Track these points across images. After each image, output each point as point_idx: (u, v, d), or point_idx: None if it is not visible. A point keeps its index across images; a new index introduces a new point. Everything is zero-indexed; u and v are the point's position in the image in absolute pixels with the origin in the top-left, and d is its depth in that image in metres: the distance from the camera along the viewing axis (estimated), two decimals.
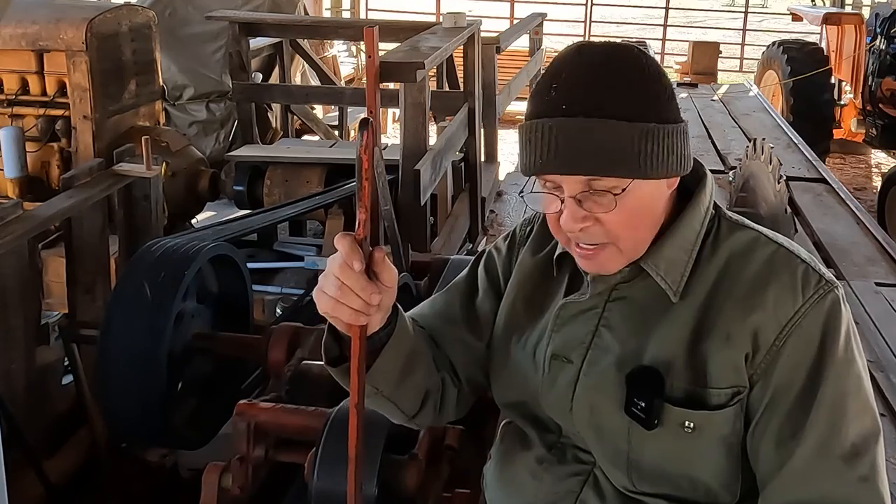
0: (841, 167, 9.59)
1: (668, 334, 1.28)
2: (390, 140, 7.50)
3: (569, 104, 1.19)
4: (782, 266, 1.27)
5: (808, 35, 12.11)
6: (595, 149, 1.18)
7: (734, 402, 1.25)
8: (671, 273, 1.29)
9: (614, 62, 1.22)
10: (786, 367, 1.24)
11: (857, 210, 5.37)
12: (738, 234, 1.32)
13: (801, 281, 1.26)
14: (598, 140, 1.18)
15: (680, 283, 1.29)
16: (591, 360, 1.32)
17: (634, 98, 1.19)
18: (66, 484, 3.09)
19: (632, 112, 1.18)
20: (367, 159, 1.07)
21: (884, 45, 8.35)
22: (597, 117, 1.17)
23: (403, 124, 4.19)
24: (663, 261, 1.29)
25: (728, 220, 1.34)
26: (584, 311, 1.35)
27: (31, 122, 4.43)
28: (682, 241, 1.30)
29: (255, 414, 1.93)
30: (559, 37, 14.83)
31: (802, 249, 1.33)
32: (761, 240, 1.31)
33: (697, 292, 1.28)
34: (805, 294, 1.25)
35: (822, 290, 1.26)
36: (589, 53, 1.23)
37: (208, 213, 5.55)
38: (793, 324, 1.24)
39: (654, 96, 1.21)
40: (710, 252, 1.31)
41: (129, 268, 2.83)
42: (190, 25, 6.27)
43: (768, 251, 1.29)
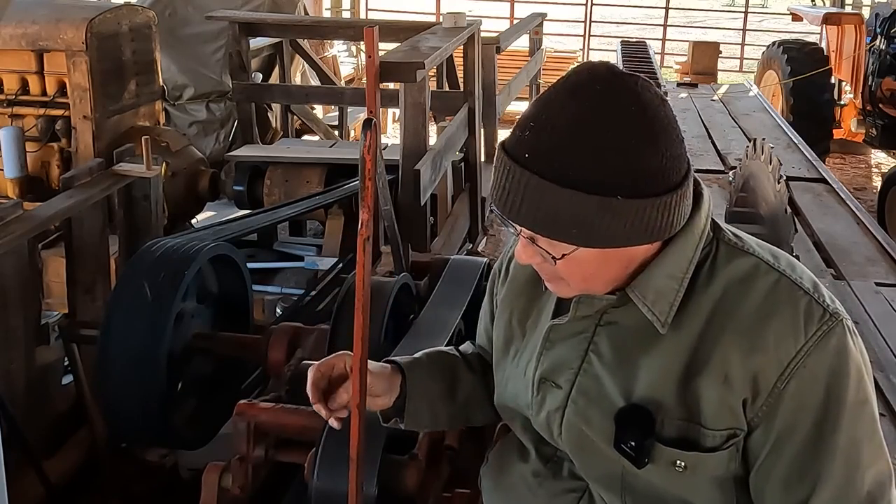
0: (841, 167, 9.60)
1: (659, 366, 1.21)
2: (390, 140, 7.50)
3: (533, 157, 1.10)
4: (784, 299, 1.19)
5: (808, 35, 12.11)
6: (544, 213, 1.10)
7: (729, 445, 1.20)
8: (659, 303, 1.20)
9: (602, 121, 1.09)
10: (789, 410, 1.17)
11: (857, 210, 5.37)
12: (737, 260, 1.22)
13: (803, 316, 1.17)
14: (549, 204, 1.09)
15: (669, 313, 1.20)
16: (580, 388, 1.27)
17: (604, 171, 1.08)
18: (66, 484, 3.08)
19: (594, 185, 1.08)
20: (371, 159, 1.07)
21: (884, 45, 8.36)
22: (554, 183, 1.08)
23: (403, 124, 4.19)
24: (651, 291, 1.20)
25: (727, 244, 1.24)
26: (573, 334, 1.29)
27: (31, 122, 4.43)
28: (673, 269, 1.20)
29: (255, 414, 1.93)
30: (559, 37, 14.85)
31: (806, 273, 1.24)
32: (762, 268, 1.21)
33: (691, 323, 1.20)
34: (808, 331, 1.16)
35: (827, 326, 1.17)
36: (581, 100, 1.10)
37: (208, 213, 5.55)
38: (795, 364, 1.16)
39: (632, 170, 1.09)
40: (706, 280, 1.21)
41: (129, 268, 2.83)
42: (190, 25, 6.28)
43: (769, 281, 1.20)
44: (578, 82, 1.12)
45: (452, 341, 2.45)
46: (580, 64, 1.20)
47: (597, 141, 1.08)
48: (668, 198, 1.12)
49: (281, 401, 2.09)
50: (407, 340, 2.35)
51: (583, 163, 1.08)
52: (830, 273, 4.41)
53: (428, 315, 2.54)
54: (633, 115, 1.09)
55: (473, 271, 2.83)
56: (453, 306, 2.60)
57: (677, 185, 1.13)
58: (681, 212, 1.15)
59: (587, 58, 14.17)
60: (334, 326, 2.47)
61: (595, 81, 1.11)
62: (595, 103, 1.10)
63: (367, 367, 1.24)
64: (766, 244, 1.27)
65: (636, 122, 1.09)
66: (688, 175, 1.16)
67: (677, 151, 1.13)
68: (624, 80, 1.12)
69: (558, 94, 1.13)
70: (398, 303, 2.51)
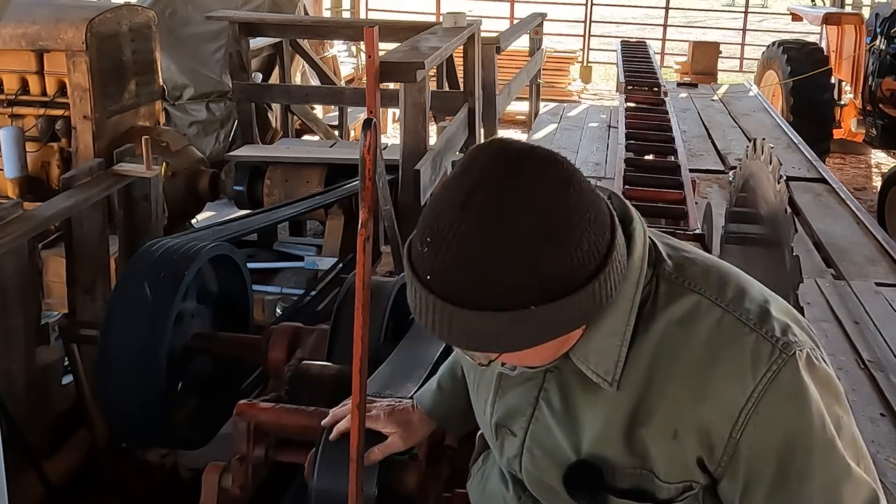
0: (841, 167, 9.60)
1: (604, 419, 1.15)
2: (390, 140, 7.50)
3: (434, 279, 1.00)
4: (728, 341, 1.09)
5: (808, 35, 12.11)
6: (456, 331, 1.01)
7: (685, 497, 1.15)
8: (602, 363, 1.13)
9: (496, 237, 0.96)
10: (750, 458, 1.10)
11: (857, 210, 5.36)
12: (677, 301, 1.13)
13: (750, 358, 1.08)
14: (458, 325, 1.00)
15: (615, 370, 1.12)
16: (533, 437, 1.23)
17: (508, 289, 0.97)
18: (66, 484, 3.09)
19: (501, 303, 0.97)
20: (371, 159, 1.07)
21: (884, 45, 8.36)
22: (458, 307, 0.98)
23: (403, 124, 4.19)
24: (592, 353, 1.13)
25: (668, 280, 1.14)
26: (523, 381, 1.23)
27: (31, 122, 4.43)
28: (612, 326, 1.11)
29: (255, 414, 1.93)
30: (559, 37, 14.85)
31: (756, 300, 1.13)
32: (703, 305, 1.12)
33: (633, 373, 1.13)
34: (756, 374, 1.08)
35: (777, 365, 1.08)
36: (471, 213, 0.98)
37: (208, 213, 5.55)
38: (747, 412, 1.08)
39: (539, 280, 0.97)
40: (647, 324, 1.13)
41: (129, 268, 2.83)
42: (190, 25, 6.28)
43: (711, 321, 1.11)
44: (469, 188, 0.99)
45: None
46: (475, 150, 1.05)
47: (493, 260, 0.97)
48: (591, 286, 1.00)
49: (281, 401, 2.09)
50: (407, 341, 2.35)
51: (483, 284, 0.97)
52: (830, 273, 4.41)
53: None
54: (528, 225, 0.97)
55: None
56: None
57: (598, 270, 1.01)
58: (610, 287, 1.04)
59: (587, 58, 14.18)
60: (334, 326, 2.46)
61: (485, 184, 0.99)
62: (486, 217, 0.97)
63: (367, 366, 1.24)
64: (715, 268, 1.17)
65: (532, 231, 0.97)
66: (612, 246, 1.03)
67: (592, 236, 1.00)
68: (516, 179, 0.99)
69: (450, 202, 1.00)
70: (398, 303, 2.51)
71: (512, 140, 1.06)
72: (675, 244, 1.21)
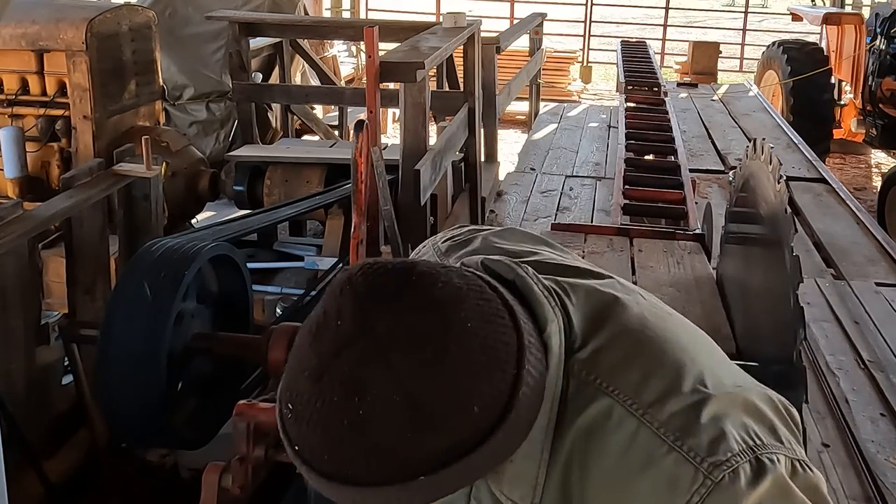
0: (841, 167, 9.60)
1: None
2: (390, 140, 7.50)
3: (313, 460, 0.85)
4: (642, 464, 0.92)
5: (808, 35, 12.12)
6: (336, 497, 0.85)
7: None
8: (517, 490, 0.97)
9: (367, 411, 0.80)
10: None
11: (857, 210, 5.36)
12: (587, 407, 0.95)
13: (666, 486, 0.91)
14: (351, 498, 0.84)
15: (533, 495, 0.97)
16: None
17: (393, 464, 0.82)
18: (66, 484, 3.09)
19: (388, 478, 0.82)
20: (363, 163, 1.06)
21: (884, 45, 8.36)
22: (350, 485, 0.83)
23: (403, 124, 4.19)
24: (506, 481, 0.98)
25: (577, 378, 0.96)
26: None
27: (31, 122, 4.44)
28: (527, 448, 0.93)
29: (254, 414, 1.93)
30: (559, 37, 14.85)
31: (683, 396, 0.94)
32: (615, 414, 0.94)
33: (550, 492, 0.98)
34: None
35: (700, 496, 0.90)
36: (329, 390, 0.82)
37: (208, 213, 5.55)
38: None
39: (432, 449, 0.82)
40: (556, 436, 0.96)
41: (129, 268, 2.83)
42: (190, 25, 6.28)
43: (624, 435, 0.93)
44: (324, 355, 0.83)
45: None
46: (334, 292, 0.88)
47: (366, 443, 0.82)
48: (496, 436, 0.85)
49: None
50: None
51: (363, 465, 0.83)
52: (830, 273, 4.41)
53: None
54: (391, 405, 0.81)
55: None
56: None
57: (503, 417, 0.85)
58: (517, 433, 0.89)
59: (587, 58, 14.19)
60: None
61: (343, 361, 0.82)
62: (343, 401, 0.81)
63: None
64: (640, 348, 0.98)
65: (398, 412, 0.81)
66: (518, 382, 0.86)
67: (478, 405, 0.83)
68: (380, 347, 0.82)
69: (303, 368, 0.85)
70: None
71: (375, 281, 0.86)
72: (598, 305, 1.01)
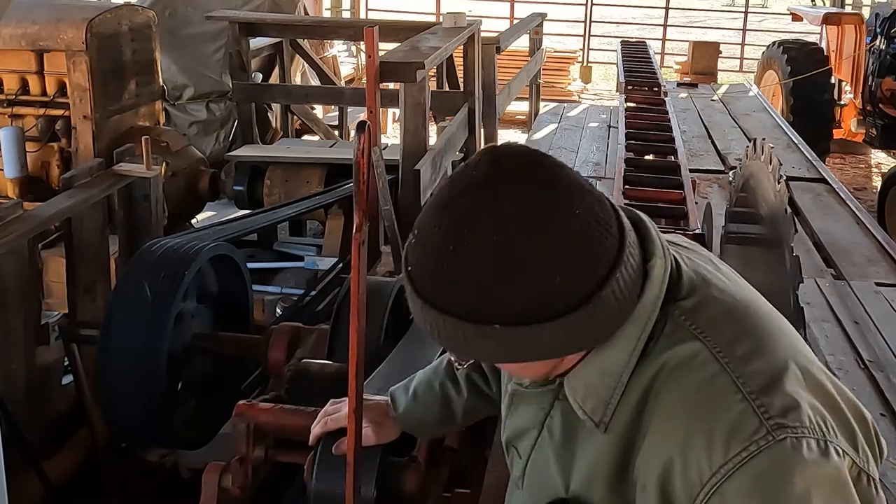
0: (841, 167, 9.59)
1: (592, 461, 1.09)
2: (390, 140, 7.50)
3: (417, 276, 0.99)
4: (713, 401, 0.99)
5: (808, 35, 12.11)
6: (433, 328, 0.99)
7: None
8: (590, 400, 1.06)
9: (468, 244, 0.94)
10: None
11: (857, 210, 5.37)
12: (678, 345, 1.03)
13: (729, 428, 0.97)
14: (433, 322, 0.98)
15: (604, 412, 1.05)
16: (533, 464, 1.20)
17: (477, 300, 0.94)
18: (66, 484, 3.09)
19: (468, 313, 0.95)
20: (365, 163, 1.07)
21: (884, 45, 8.36)
22: (434, 308, 0.97)
23: (403, 124, 4.19)
24: (582, 386, 1.07)
25: (675, 321, 1.04)
26: (533, 402, 1.19)
27: (31, 122, 4.43)
28: (608, 364, 1.04)
29: (254, 414, 1.93)
30: (559, 37, 14.84)
31: (770, 363, 1.01)
32: (702, 356, 1.01)
33: (623, 415, 1.05)
34: (731, 449, 0.96)
35: (757, 446, 0.95)
36: (449, 220, 0.96)
37: (208, 213, 5.55)
38: (710, 488, 0.96)
39: (510, 299, 0.93)
40: (642, 364, 1.04)
41: (129, 268, 2.83)
42: (190, 25, 6.27)
43: (703, 376, 1.00)
44: (455, 192, 0.98)
45: None
46: (478, 153, 1.02)
47: (458, 270, 0.94)
48: (568, 319, 0.95)
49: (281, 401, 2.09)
50: (405, 344, 2.36)
51: (450, 292, 0.96)
52: (830, 273, 4.41)
53: None
54: (491, 244, 0.93)
55: None
56: None
57: (579, 305, 0.95)
58: (595, 325, 0.98)
59: (587, 58, 14.18)
60: (334, 326, 2.47)
61: (466, 193, 0.97)
62: (455, 230, 0.95)
63: (363, 370, 1.24)
64: (740, 315, 1.06)
65: (493, 252, 0.93)
66: (604, 283, 0.96)
67: (560, 278, 0.94)
68: (497, 197, 0.95)
69: (437, 201, 1.00)
70: (398, 303, 2.51)
71: (517, 150, 1.01)
72: (710, 276, 1.10)
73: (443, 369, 1.56)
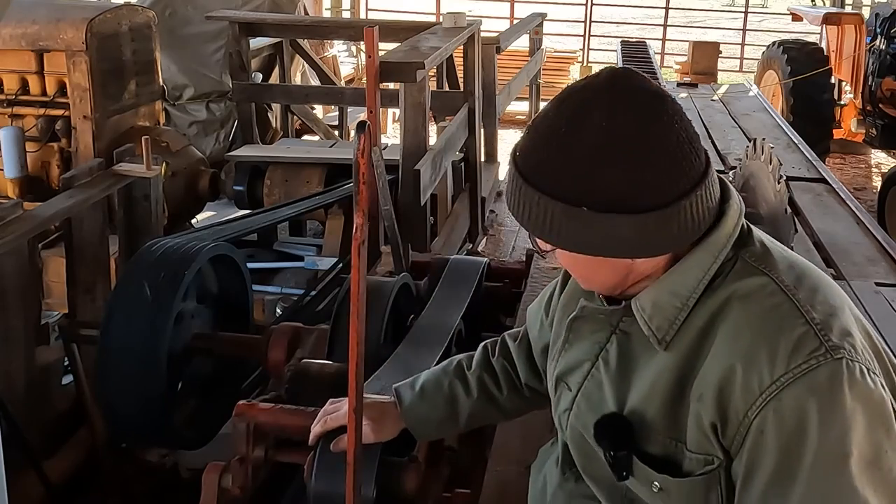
0: (841, 167, 9.59)
1: (652, 379, 1.17)
2: (390, 140, 7.50)
3: (521, 157, 1.14)
4: (778, 322, 1.08)
5: (808, 35, 12.10)
6: (524, 208, 1.13)
7: (704, 472, 1.13)
8: (656, 318, 1.16)
9: (570, 133, 1.08)
10: (755, 446, 1.07)
11: (857, 210, 5.37)
12: (748, 278, 1.14)
13: (792, 344, 1.06)
14: (526, 202, 1.12)
15: (668, 331, 1.15)
16: (585, 392, 1.27)
17: (567, 181, 1.08)
18: (66, 484, 3.09)
19: (561, 192, 1.09)
20: (365, 163, 1.07)
21: (884, 45, 8.35)
22: (531, 185, 1.11)
23: (403, 124, 4.19)
24: (650, 304, 1.17)
25: (745, 261, 1.15)
26: (590, 335, 1.27)
27: (31, 122, 4.43)
28: (677, 287, 1.15)
29: (254, 414, 1.93)
30: (559, 37, 14.84)
31: (829, 304, 1.12)
32: (769, 288, 1.12)
33: (687, 339, 1.15)
34: (792, 361, 1.05)
35: (816, 361, 1.05)
36: (561, 109, 1.12)
37: (208, 213, 5.55)
38: (768, 395, 1.05)
39: (594, 185, 1.07)
40: (711, 294, 1.14)
41: (129, 268, 2.83)
42: (190, 25, 6.27)
43: (770, 303, 1.11)
44: (572, 90, 1.13)
45: (452, 342, 2.45)
46: (604, 68, 1.17)
47: (563, 151, 1.09)
48: (647, 217, 1.07)
49: (281, 401, 2.09)
50: (406, 344, 2.36)
51: (551, 170, 1.09)
52: (830, 273, 4.41)
53: (428, 317, 2.53)
54: (600, 131, 1.07)
55: (473, 271, 2.83)
56: (453, 307, 2.60)
57: (658, 207, 1.07)
58: (671, 232, 1.09)
59: (587, 58, 14.18)
60: (334, 326, 2.46)
61: (584, 91, 1.12)
62: (571, 114, 1.10)
63: (363, 370, 1.24)
64: (804, 269, 1.17)
65: (601, 141, 1.07)
66: (686, 195, 1.09)
67: (660, 174, 1.07)
68: (613, 95, 1.09)
69: (557, 97, 1.14)
70: (398, 303, 2.51)
71: (637, 73, 1.14)
72: (780, 247, 1.21)
73: (452, 370, 1.59)
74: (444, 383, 1.57)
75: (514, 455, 2.11)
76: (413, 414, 1.57)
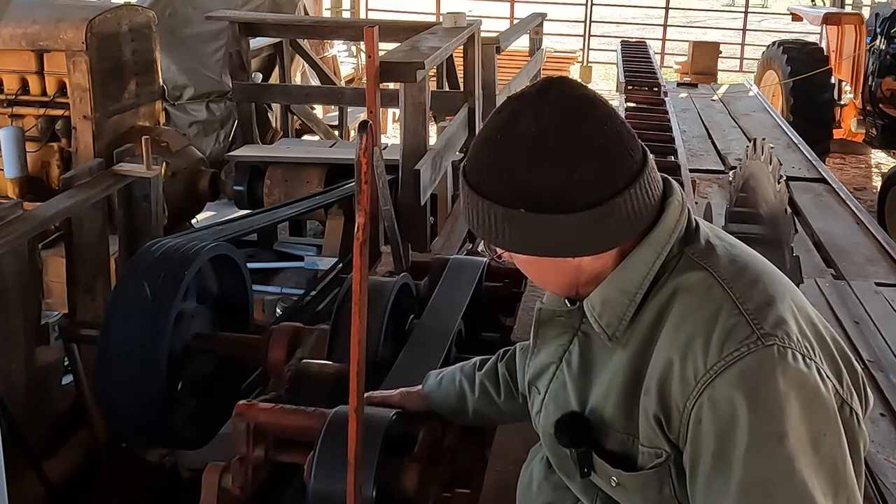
0: (841, 167, 9.59)
1: (608, 378, 1.21)
2: (390, 140, 7.50)
3: (467, 165, 1.19)
4: (713, 314, 1.12)
5: (808, 35, 12.10)
6: (472, 215, 1.18)
7: (654, 466, 1.16)
8: (605, 315, 1.20)
9: (510, 135, 1.14)
10: (696, 435, 1.10)
11: (857, 210, 5.37)
12: (689, 272, 1.17)
13: (725, 334, 1.09)
14: (473, 208, 1.17)
15: (617, 326, 1.19)
16: (552, 394, 1.31)
17: (505, 185, 1.13)
18: (66, 484, 3.09)
19: (500, 196, 1.14)
20: (367, 162, 1.07)
21: (884, 45, 8.35)
22: (475, 191, 1.16)
23: (403, 124, 4.19)
24: (599, 302, 1.20)
25: (690, 257, 1.19)
26: (554, 340, 1.32)
27: (31, 122, 4.43)
28: (623, 283, 1.19)
29: (254, 414, 1.93)
30: (559, 37, 14.84)
31: (764, 295, 1.14)
32: (707, 281, 1.16)
33: (636, 336, 1.19)
34: (724, 350, 1.08)
35: (747, 348, 1.07)
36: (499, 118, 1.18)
37: (208, 213, 5.55)
38: (703, 385, 1.08)
39: (529, 187, 1.12)
40: (656, 291, 1.18)
41: (129, 268, 2.83)
42: (190, 25, 6.28)
43: (707, 295, 1.14)
44: (509, 99, 1.18)
45: (453, 343, 2.45)
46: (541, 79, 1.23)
47: (499, 157, 1.15)
48: (583, 216, 1.12)
49: (281, 401, 2.09)
50: (409, 347, 2.36)
51: (490, 176, 1.15)
52: (830, 273, 4.41)
53: (429, 320, 2.53)
54: (529, 135, 1.12)
55: (473, 271, 2.83)
56: (453, 308, 2.60)
57: (594, 205, 1.12)
58: (606, 229, 1.14)
59: (587, 58, 14.19)
60: (334, 326, 2.46)
61: (520, 100, 1.17)
62: (504, 121, 1.16)
63: (364, 370, 1.24)
64: (746, 263, 1.20)
65: (530, 142, 1.12)
66: (619, 193, 1.13)
67: (592, 173, 1.12)
68: (543, 101, 1.14)
69: (495, 109, 1.21)
70: (398, 303, 2.51)
71: (571, 81, 1.19)
72: (729, 240, 1.25)
73: (468, 368, 1.72)
74: (457, 378, 1.71)
75: (514, 455, 2.11)
76: (431, 399, 1.74)
